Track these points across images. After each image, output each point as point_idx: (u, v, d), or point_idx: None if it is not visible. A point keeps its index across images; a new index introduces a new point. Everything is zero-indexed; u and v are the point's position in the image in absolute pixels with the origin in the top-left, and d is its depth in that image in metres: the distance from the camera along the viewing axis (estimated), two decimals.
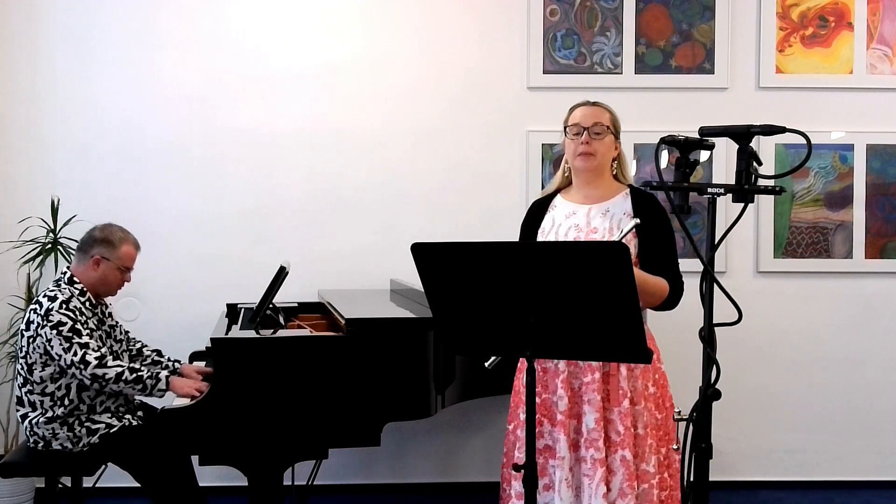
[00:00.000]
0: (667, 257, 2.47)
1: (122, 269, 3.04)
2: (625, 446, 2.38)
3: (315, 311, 3.66)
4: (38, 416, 2.89)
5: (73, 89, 3.93)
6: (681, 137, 1.89)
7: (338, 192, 4.00)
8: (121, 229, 3.07)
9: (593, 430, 2.38)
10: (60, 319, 2.83)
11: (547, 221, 2.60)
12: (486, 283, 1.95)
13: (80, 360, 2.80)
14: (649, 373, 2.47)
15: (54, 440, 2.89)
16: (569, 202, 2.59)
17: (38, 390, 2.89)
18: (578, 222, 2.52)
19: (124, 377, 2.82)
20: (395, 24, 3.99)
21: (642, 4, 4.01)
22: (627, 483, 2.36)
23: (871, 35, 4.04)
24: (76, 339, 2.83)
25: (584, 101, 2.60)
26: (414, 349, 2.74)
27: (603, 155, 2.52)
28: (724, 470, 3.87)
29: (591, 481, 2.36)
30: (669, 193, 1.83)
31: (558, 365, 2.45)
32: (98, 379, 2.81)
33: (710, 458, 1.84)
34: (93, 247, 3.00)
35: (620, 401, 2.40)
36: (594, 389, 2.40)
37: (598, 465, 2.36)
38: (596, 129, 2.50)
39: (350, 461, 3.99)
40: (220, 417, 2.62)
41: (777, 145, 3.99)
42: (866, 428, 4.10)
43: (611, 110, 2.57)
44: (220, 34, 3.96)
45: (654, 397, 2.48)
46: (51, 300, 2.87)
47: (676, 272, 2.48)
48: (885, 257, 4.06)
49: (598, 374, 2.41)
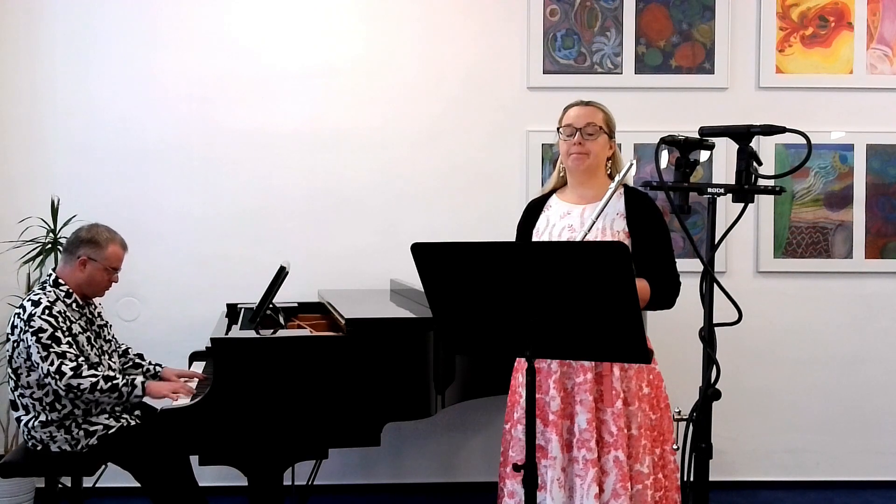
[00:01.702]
0: (660, 257, 2.47)
1: (108, 269, 2.99)
2: (618, 447, 2.37)
3: (315, 311, 3.66)
4: (32, 418, 2.88)
5: (73, 89, 3.93)
6: (681, 137, 1.90)
7: (338, 193, 4.00)
8: (107, 229, 3.02)
9: (585, 430, 2.38)
10: (41, 326, 2.78)
11: (542, 221, 2.60)
12: (486, 283, 1.95)
13: (55, 371, 2.75)
14: (643, 373, 2.47)
15: (52, 443, 2.88)
16: (564, 202, 2.59)
17: (28, 394, 2.87)
18: (572, 222, 2.52)
19: (99, 387, 2.79)
20: (395, 24, 3.99)
21: (642, 4, 4.01)
22: (621, 484, 2.36)
23: (871, 35, 4.04)
24: (54, 347, 2.77)
25: (578, 100, 2.60)
26: (414, 349, 2.74)
27: (596, 155, 2.52)
28: (724, 470, 3.87)
29: (583, 482, 2.36)
30: (669, 193, 1.83)
31: (551, 365, 2.46)
32: (73, 389, 2.77)
33: (710, 458, 1.84)
34: (79, 247, 2.95)
35: (613, 401, 2.40)
36: (586, 390, 2.40)
37: (589, 466, 2.36)
38: (589, 129, 2.50)
39: (350, 461, 3.99)
40: (219, 417, 2.62)
41: (777, 145, 3.99)
42: (866, 428, 4.10)
43: (604, 109, 2.57)
44: (220, 34, 3.96)
45: (649, 398, 2.47)
46: (34, 304, 2.83)
47: (671, 271, 2.47)
48: (885, 257, 4.06)
49: (590, 374, 2.41)
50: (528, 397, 2.02)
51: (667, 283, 2.46)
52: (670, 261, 2.49)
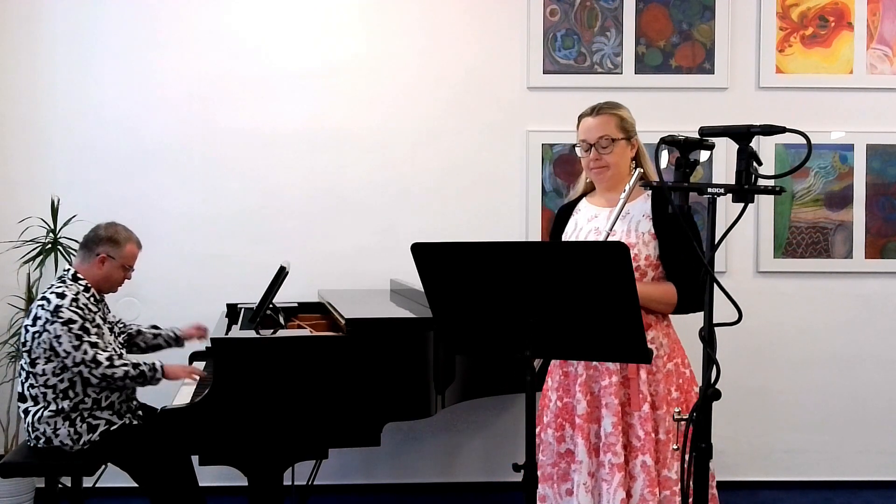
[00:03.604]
0: (684, 259, 2.39)
1: (125, 267, 3.10)
2: (645, 451, 2.33)
3: (315, 311, 3.66)
4: (40, 409, 2.91)
5: (73, 89, 3.93)
6: (681, 137, 1.89)
7: (338, 193, 4.00)
8: (124, 228, 3.13)
9: (611, 434, 2.35)
10: (71, 317, 2.87)
11: (570, 225, 2.58)
12: (486, 282, 1.95)
13: (91, 360, 2.86)
14: (672, 377, 2.42)
15: (55, 436, 2.90)
16: (592, 206, 2.57)
17: (41, 383, 2.91)
18: (598, 225, 2.49)
19: (129, 374, 2.90)
20: (395, 24, 3.99)
21: (642, 4, 4.01)
22: (648, 489, 2.31)
23: (871, 35, 4.04)
24: (86, 337, 2.88)
25: (590, 108, 2.53)
26: (414, 349, 2.74)
27: (616, 164, 2.48)
28: (724, 470, 3.86)
29: (610, 486, 2.33)
30: (669, 193, 1.82)
31: (577, 368, 2.43)
32: (107, 378, 2.88)
33: (710, 458, 1.84)
34: (98, 245, 3.05)
35: (640, 405, 2.36)
36: (612, 393, 2.36)
37: (615, 470, 2.32)
38: (602, 142, 2.45)
39: (350, 461, 3.99)
40: (219, 417, 2.62)
41: (777, 145, 3.99)
42: (866, 428, 4.10)
43: (618, 113, 2.51)
44: (220, 34, 3.96)
45: (678, 402, 2.41)
46: (59, 297, 2.90)
47: (694, 274, 2.37)
48: (885, 257, 4.06)
49: (615, 377, 2.37)
50: (529, 398, 2.02)
51: (688, 288, 2.40)
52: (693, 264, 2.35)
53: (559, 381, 2.49)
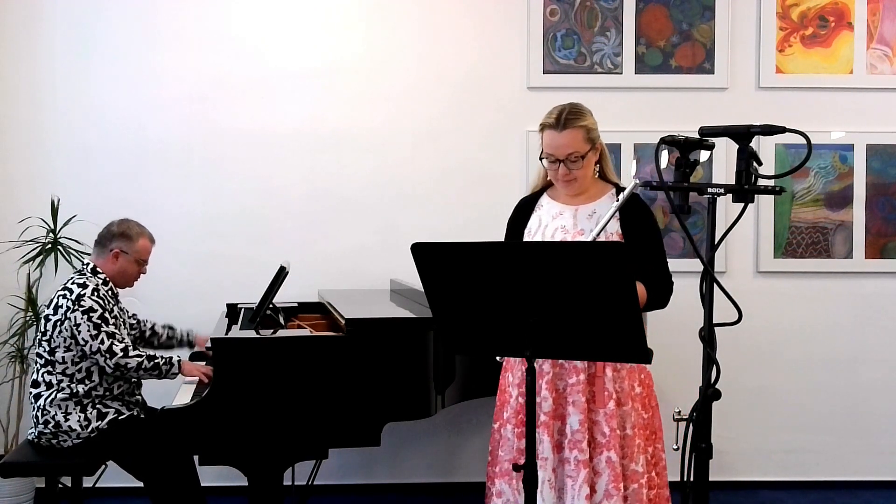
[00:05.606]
0: (653, 257, 2.46)
1: (139, 261, 3.17)
2: (610, 447, 2.37)
3: (315, 311, 3.66)
4: (53, 392, 2.95)
5: (73, 89, 3.93)
6: (681, 137, 1.89)
7: (338, 193, 4.00)
8: (137, 224, 3.20)
9: (577, 431, 2.38)
10: (91, 306, 2.94)
11: (533, 221, 2.58)
12: (486, 283, 1.95)
13: (107, 350, 2.92)
14: (635, 373, 2.47)
15: (65, 421, 2.93)
16: (555, 202, 2.57)
17: (60, 370, 2.97)
18: (565, 223, 2.51)
19: (143, 366, 2.96)
20: (395, 24, 3.99)
21: (642, 4, 4.01)
22: (613, 484, 2.36)
23: (871, 35, 4.04)
24: (104, 327, 2.94)
25: (554, 119, 2.44)
26: (414, 349, 2.74)
27: (585, 175, 2.48)
28: (724, 470, 3.87)
29: (575, 483, 2.36)
30: (669, 193, 1.83)
31: (543, 366, 2.45)
32: (121, 367, 2.94)
33: (710, 458, 1.84)
34: (111, 241, 3.13)
35: (606, 402, 2.39)
36: (579, 391, 2.40)
37: (581, 467, 2.36)
38: (571, 158, 2.43)
39: (350, 461, 3.99)
40: (220, 417, 2.62)
41: (777, 145, 3.99)
42: (866, 428, 4.10)
43: (584, 124, 2.43)
44: (220, 34, 3.96)
45: (641, 397, 2.47)
46: (81, 287, 2.98)
47: (664, 272, 2.47)
48: (885, 257, 4.06)
49: (582, 375, 2.41)
50: (529, 398, 2.02)
51: (661, 284, 2.46)
52: (663, 261, 2.48)
53: (521, 378, 2.48)
